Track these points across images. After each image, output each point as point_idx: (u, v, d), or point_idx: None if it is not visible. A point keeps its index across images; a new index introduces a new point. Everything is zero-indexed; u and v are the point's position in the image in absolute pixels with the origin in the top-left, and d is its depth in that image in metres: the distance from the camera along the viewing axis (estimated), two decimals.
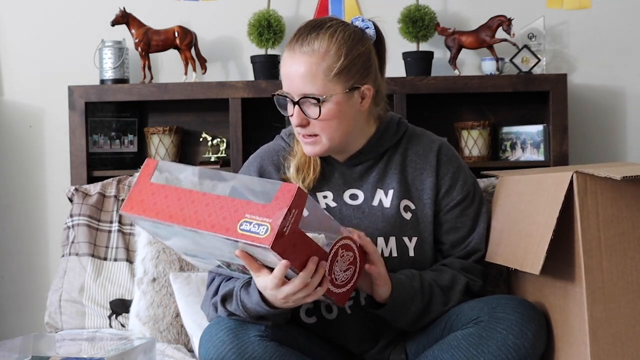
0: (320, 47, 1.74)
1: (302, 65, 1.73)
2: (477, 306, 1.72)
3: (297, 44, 1.76)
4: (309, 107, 1.75)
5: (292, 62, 1.75)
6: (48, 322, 2.45)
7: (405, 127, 1.93)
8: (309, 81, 1.73)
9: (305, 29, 1.79)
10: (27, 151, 3.02)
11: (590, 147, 2.96)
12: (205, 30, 2.96)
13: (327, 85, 1.73)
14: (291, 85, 1.75)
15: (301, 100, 1.74)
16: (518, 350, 1.63)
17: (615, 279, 1.57)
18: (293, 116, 1.77)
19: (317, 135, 1.78)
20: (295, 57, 1.75)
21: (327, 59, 1.73)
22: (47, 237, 3.01)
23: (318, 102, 1.73)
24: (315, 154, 1.81)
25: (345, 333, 1.84)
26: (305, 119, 1.76)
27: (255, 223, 1.47)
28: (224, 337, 1.64)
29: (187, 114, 2.96)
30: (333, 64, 1.73)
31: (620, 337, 1.57)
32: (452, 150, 1.93)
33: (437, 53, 2.91)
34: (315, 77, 1.73)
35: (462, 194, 1.88)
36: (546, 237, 1.60)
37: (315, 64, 1.73)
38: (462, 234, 1.87)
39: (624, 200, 1.57)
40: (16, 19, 3.02)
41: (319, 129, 1.77)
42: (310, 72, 1.73)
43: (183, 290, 2.22)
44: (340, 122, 1.77)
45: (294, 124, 1.78)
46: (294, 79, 1.74)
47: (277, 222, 1.45)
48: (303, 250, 1.53)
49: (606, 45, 2.96)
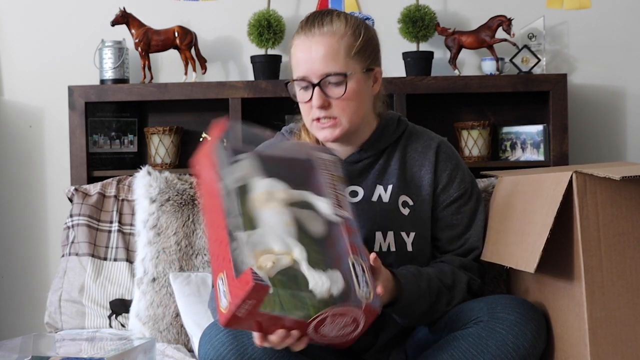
0: (339, 27, 1.78)
1: (322, 46, 1.76)
2: (476, 306, 1.72)
3: (314, 28, 1.78)
4: (330, 88, 1.77)
5: (311, 44, 1.77)
6: (48, 322, 2.45)
7: (405, 125, 1.95)
8: (332, 60, 1.75)
9: (315, 15, 1.82)
10: (27, 151, 3.02)
11: (590, 147, 2.96)
12: (205, 30, 2.96)
13: (349, 63, 1.77)
14: (311, 67, 1.77)
15: (322, 81, 1.76)
16: (517, 350, 1.63)
17: (615, 279, 1.57)
18: (313, 98, 1.77)
19: (336, 118, 1.79)
20: (314, 39, 1.77)
21: (347, 39, 1.77)
22: (47, 237, 3.01)
23: (344, 77, 1.75)
24: (334, 138, 1.81)
25: None
26: (326, 100, 1.77)
27: (223, 289, 1.43)
28: (224, 338, 1.64)
29: (187, 114, 2.96)
30: (353, 43, 1.78)
31: (620, 336, 1.57)
32: (451, 149, 1.95)
33: (437, 53, 2.91)
34: (337, 55, 1.76)
35: (459, 191, 1.89)
36: (543, 236, 1.60)
37: (337, 43, 1.76)
38: (458, 230, 1.88)
39: (623, 200, 1.57)
40: (16, 19, 3.02)
41: (339, 110, 1.78)
42: (333, 51, 1.76)
43: (183, 290, 2.22)
44: (359, 103, 1.80)
45: (316, 105, 1.78)
46: (314, 60, 1.76)
47: (232, 307, 1.39)
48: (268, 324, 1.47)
49: (606, 45, 2.96)
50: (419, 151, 1.91)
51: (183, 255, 2.31)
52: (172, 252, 2.31)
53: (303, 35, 1.80)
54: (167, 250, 2.31)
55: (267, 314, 1.43)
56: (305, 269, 1.49)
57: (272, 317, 1.44)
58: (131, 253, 2.45)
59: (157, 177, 2.38)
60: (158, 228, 2.33)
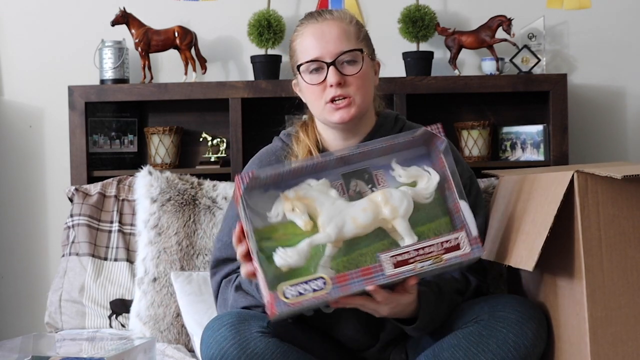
0: (346, 15, 1.87)
1: (335, 27, 1.83)
2: (477, 305, 1.73)
3: (323, 14, 1.86)
4: (344, 66, 1.81)
5: (323, 27, 1.83)
6: (48, 322, 2.45)
7: (403, 122, 1.98)
8: (345, 39, 1.82)
9: (318, 10, 1.91)
10: (27, 151, 3.02)
11: (590, 147, 2.96)
12: (205, 30, 2.96)
13: (359, 44, 1.84)
14: (325, 47, 1.81)
15: (336, 60, 1.80)
16: (518, 348, 1.64)
17: (616, 278, 1.57)
18: (329, 76, 1.80)
19: (351, 96, 1.82)
20: (325, 22, 1.84)
21: (354, 25, 1.86)
22: (47, 237, 3.01)
23: (361, 53, 1.82)
24: (350, 117, 1.83)
25: (346, 326, 1.85)
26: (342, 77, 1.81)
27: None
28: (226, 333, 1.65)
29: (187, 114, 2.96)
30: (359, 30, 1.87)
31: (621, 336, 1.56)
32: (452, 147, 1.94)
33: (437, 53, 2.91)
34: (349, 36, 1.83)
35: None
36: (543, 235, 1.60)
37: (347, 25, 1.84)
38: None
39: (624, 199, 1.57)
40: (16, 19, 3.02)
41: (354, 88, 1.82)
42: (345, 32, 1.83)
43: (184, 289, 2.22)
44: (369, 84, 1.86)
45: (333, 82, 1.80)
46: (328, 40, 1.81)
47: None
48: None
49: (606, 45, 2.96)
50: None
51: (184, 255, 2.31)
52: (173, 252, 2.31)
53: (312, 21, 1.85)
54: (168, 250, 2.31)
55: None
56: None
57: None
58: (131, 253, 2.45)
59: (158, 177, 2.38)
60: (159, 228, 2.33)
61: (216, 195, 2.38)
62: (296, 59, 1.88)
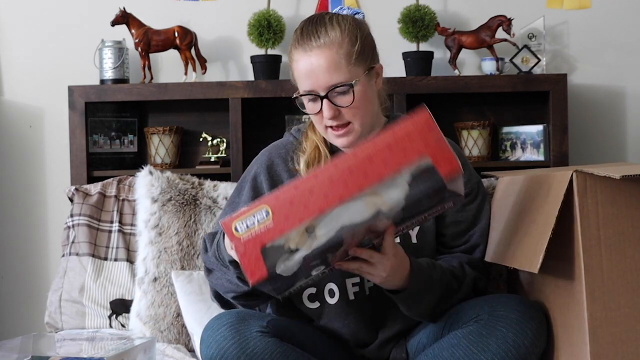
0: (336, 36, 1.78)
1: (323, 58, 1.76)
2: (477, 304, 1.73)
3: (310, 41, 1.78)
4: (337, 98, 1.78)
5: (311, 58, 1.77)
6: (48, 322, 2.45)
7: None
8: (334, 71, 1.76)
9: (309, 25, 1.82)
10: (27, 151, 3.02)
11: (590, 147, 2.96)
12: (205, 30, 2.96)
13: (351, 70, 1.77)
14: (316, 81, 1.77)
15: (329, 93, 1.77)
16: (518, 348, 1.64)
17: (615, 278, 1.57)
18: (323, 110, 1.79)
19: (350, 123, 1.81)
20: (312, 53, 1.77)
21: (345, 46, 1.78)
22: (47, 237, 3.01)
23: (351, 87, 1.76)
24: (350, 144, 1.83)
25: (345, 320, 1.85)
26: (336, 109, 1.79)
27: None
28: (226, 333, 1.65)
29: (187, 114, 2.96)
30: (351, 50, 1.78)
31: (620, 336, 1.57)
32: (457, 149, 1.97)
33: (437, 53, 2.91)
34: (339, 66, 1.76)
35: (465, 190, 1.89)
36: (545, 236, 1.60)
37: (336, 53, 1.77)
38: (462, 227, 1.89)
39: (623, 199, 1.57)
40: (16, 19, 3.02)
41: (350, 116, 1.80)
42: (334, 63, 1.76)
43: (185, 288, 2.22)
44: (367, 105, 1.82)
45: (328, 117, 1.79)
46: (318, 74, 1.77)
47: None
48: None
49: (606, 45, 2.96)
50: None
51: (185, 255, 2.31)
52: (173, 252, 2.31)
53: (301, 50, 1.80)
54: (168, 250, 2.31)
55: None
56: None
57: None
58: (131, 253, 2.45)
59: (158, 177, 2.38)
60: (160, 228, 2.33)
61: (217, 196, 2.38)
62: (294, 80, 1.87)
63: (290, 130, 2.03)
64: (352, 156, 1.50)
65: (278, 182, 1.94)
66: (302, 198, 1.48)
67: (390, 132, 1.51)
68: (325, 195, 1.47)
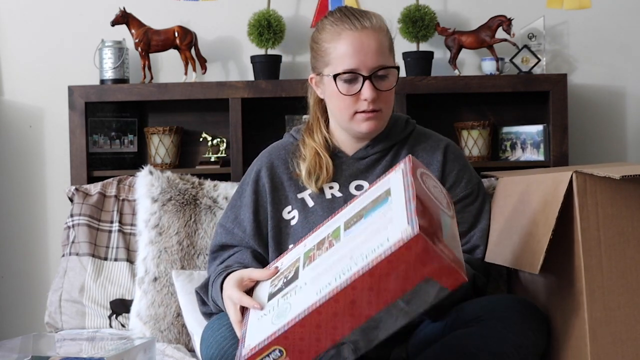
0: (382, 24, 1.87)
1: (374, 40, 1.82)
2: (477, 305, 1.73)
3: (361, 20, 1.83)
4: (378, 81, 1.82)
5: (362, 38, 1.81)
6: (48, 322, 2.45)
7: (413, 126, 2.01)
8: (382, 53, 1.82)
9: (348, 10, 1.88)
10: (27, 151, 3.02)
11: (590, 147, 2.96)
12: (205, 30, 2.96)
13: (391, 58, 1.85)
14: (363, 59, 1.80)
15: (373, 74, 1.80)
16: (518, 348, 1.64)
17: (615, 279, 1.57)
18: (365, 91, 1.81)
19: (381, 110, 1.85)
20: (364, 32, 1.82)
21: (387, 34, 1.87)
22: (47, 237, 3.01)
23: (395, 70, 1.84)
24: (377, 129, 1.87)
25: None
26: (377, 92, 1.82)
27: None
28: (226, 333, 1.65)
29: (187, 114, 2.96)
30: (391, 40, 1.88)
31: (620, 336, 1.57)
32: (459, 150, 1.99)
33: (437, 53, 2.91)
34: (385, 49, 1.84)
35: (466, 191, 1.91)
36: (546, 237, 1.60)
37: (383, 37, 1.84)
38: (462, 228, 1.89)
39: (623, 199, 1.57)
40: (16, 19, 3.02)
41: (383, 102, 1.85)
42: (382, 46, 1.83)
43: (185, 288, 2.22)
44: (394, 96, 1.88)
45: (369, 98, 1.81)
46: (367, 53, 1.80)
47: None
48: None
49: (606, 45, 2.96)
50: (427, 150, 1.95)
51: (185, 255, 2.31)
52: (173, 251, 2.31)
53: (351, 27, 1.82)
54: (168, 249, 2.31)
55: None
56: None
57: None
58: (132, 253, 2.45)
59: (159, 177, 2.38)
60: (160, 228, 2.33)
61: (217, 195, 2.38)
62: (328, 62, 1.85)
63: (290, 131, 2.04)
64: (350, 289, 1.40)
65: (278, 184, 1.94)
66: (311, 334, 1.43)
67: (385, 260, 1.38)
68: (334, 327, 1.43)
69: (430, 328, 1.82)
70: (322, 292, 1.41)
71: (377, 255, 1.37)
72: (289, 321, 1.42)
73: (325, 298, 1.40)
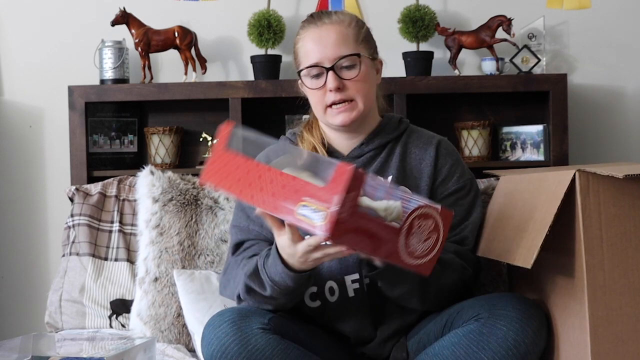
0: (345, 18, 1.89)
1: (333, 32, 1.85)
2: (477, 303, 1.73)
3: (323, 18, 1.88)
4: (343, 71, 1.85)
5: (321, 32, 1.86)
6: (48, 322, 2.45)
7: (407, 124, 2.02)
8: (343, 44, 1.85)
9: (319, 12, 1.93)
10: (27, 151, 3.01)
11: (590, 147, 2.96)
12: (205, 30, 2.96)
13: (358, 47, 1.87)
14: (324, 52, 1.84)
15: (335, 65, 1.83)
16: (518, 346, 1.64)
17: (617, 278, 1.57)
18: (328, 81, 1.84)
19: (352, 100, 1.86)
20: (323, 27, 1.86)
21: (353, 28, 1.88)
22: (47, 237, 3.01)
23: (358, 57, 1.85)
24: (350, 121, 1.87)
25: (345, 317, 1.86)
26: (341, 81, 1.84)
27: (312, 208, 1.42)
28: (227, 329, 1.66)
29: (187, 114, 2.96)
30: (359, 31, 1.89)
31: (621, 336, 1.57)
32: (451, 146, 2.01)
33: (437, 53, 2.91)
34: (347, 40, 1.85)
35: (458, 185, 1.93)
36: (542, 232, 1.60)
37: (345, 29, 1.86)
38: (455, 221, 1.88)
39: (626, 199, 1.57)
40: (16, 19, 3.02)
41: (354, 91, 1.85)
42: (343, 36, 1.85)
43: (186, 287, 2.22)
44: (369, 86, 1.89)
45: (332, 87, 1.83)
46: (326, 45, 1.84)
47: (333, 208, 1.39)
48: (365, 232, 1.47)
49: (606, 45, 2.96)
50: (420, 147, 1.96)
51: (186, 255, 2.31)
52: (174, 252, 2.31)
53: (312, 26, 1.88)
54: (169, 250, 2.31)
55: (367, 215, 1.46)
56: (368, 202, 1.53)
57: (371, 221, 1.46)
58: (132, 253, 2.45)
59: (159, 177, 2.38)
60: (161, 228, 2.33)
61: (218, 196, 2.38)
62: (298, 62, 1.92)
63: (286, 134, 2.04)
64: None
65: None
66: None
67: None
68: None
69: (430, 327, 1.82)
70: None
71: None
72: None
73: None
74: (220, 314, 1.72)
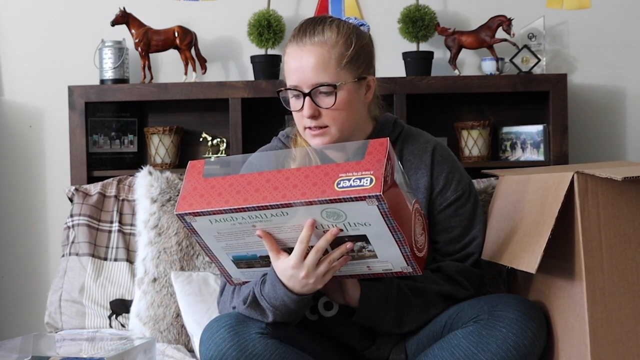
0: (330, 37, 1.77)
1: (313, 56, 1.75)
2: (477, 304, 1.72)
3: (306, 37, 1.78)
4: (320, 98, 1.77)
5: (302, 54, 1.77)
6: (48, 322, 2.45)
7: (401, 127, 1.95)
8: (322, 70, 1.75)
9: (308, 23, 1.82)
10: (27, 151, 3.02)
11: (590, 147, 2.96)
12: (205, 30, 2.96)
13: (339, 73, 1.76)
14: (302, 77, 1.76)
15: (312, 91, 1.76)
16: (518, 348, 1.63)
17: (616, 279, 1.57)
18: (304, 108, 1.77)
19: (327, 126, 1.79)
20: (305, 48, 1.77)
21: (338, 48, 1.77)
22: (47, 237, 3.01)
23: (334, 88, 1.75)
24: (325, 144, 1.81)
25: (345, 330, 1.85)
26: (317, 109, 1.77)
27: (355, 178, 1.42)
28: (225, 334, 1.65)
29: (187, 114, 2.96)
30: (344, 53, 1.77)
31: (621, 337, 1.56)
32: (447, 151, 1.94)
33: (437, 53, 2.91)
34: (327, 66, 1.75)
35: (456, 193, 1.88)
36: (544, 236, 1.59)
37: (327, 53, 1.76)
38: (456, 233, 1.88)
39: (624, 200, 1.57)
40: (16, 19, 3.02)
41: (330, 119, 1.78)
42: (323, 62, 1.75)
43: (184, 289, 2.22)
44: (349, 112, 1.79)
45: (306, 115, 1.78)
46: (305, 70, 1.76)
47: (379, 171, 1.41)
48: (398, 204, 1.49)
49: (606, 45, 2.96)
50: (415, 154, 1.90)
51: (184, 256, 2.31)
52: (173, 252, 2.31)
53: (295, 44, 1.79)
54: (168, 250, 2.31)
55: (399, 187, 1.50)
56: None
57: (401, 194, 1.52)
58: (131, 253, 2.45)
59: (158, 177, 2.38)
60: (159, 228, 2.33)
61: None
62: (284, 75, 1.85)
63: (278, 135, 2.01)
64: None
65: None
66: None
67: None
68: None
69: (430, 328, 1.82)
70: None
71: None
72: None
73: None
74: (217, 319, 1.71)
